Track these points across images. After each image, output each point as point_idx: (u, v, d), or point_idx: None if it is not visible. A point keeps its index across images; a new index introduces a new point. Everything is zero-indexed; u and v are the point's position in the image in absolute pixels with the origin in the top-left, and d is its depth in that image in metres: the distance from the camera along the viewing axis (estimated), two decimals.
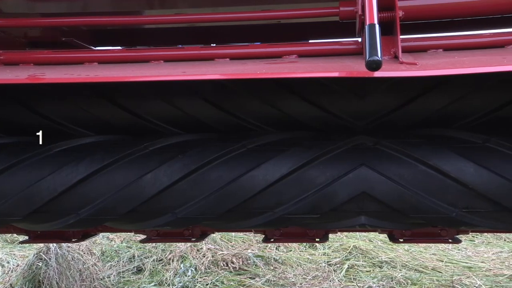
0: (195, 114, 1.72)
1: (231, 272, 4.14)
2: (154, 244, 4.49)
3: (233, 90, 1.67)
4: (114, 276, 4.16)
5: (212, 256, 4.31)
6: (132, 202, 1.73)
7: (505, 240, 4.71)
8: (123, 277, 4.17)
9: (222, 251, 4.40)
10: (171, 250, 4.43)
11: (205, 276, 4.06)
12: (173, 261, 4.28)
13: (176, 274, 4.12)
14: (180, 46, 2.57)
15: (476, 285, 3.56)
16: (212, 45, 2.62)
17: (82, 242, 4.02)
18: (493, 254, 4.39)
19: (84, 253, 4.25)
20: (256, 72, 1.41)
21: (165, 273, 4.12)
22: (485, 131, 1.64)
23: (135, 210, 1.74)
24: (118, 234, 4.80)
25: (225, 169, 1.72)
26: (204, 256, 4.29)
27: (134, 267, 4.33)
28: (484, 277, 3.79)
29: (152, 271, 4.23)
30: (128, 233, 4.36)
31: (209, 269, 4.17)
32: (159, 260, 4.37)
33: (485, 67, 1.37)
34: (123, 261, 4.39)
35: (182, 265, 4.23)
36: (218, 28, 2.47)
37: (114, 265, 4.34)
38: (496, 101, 1.60)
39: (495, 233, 4.42)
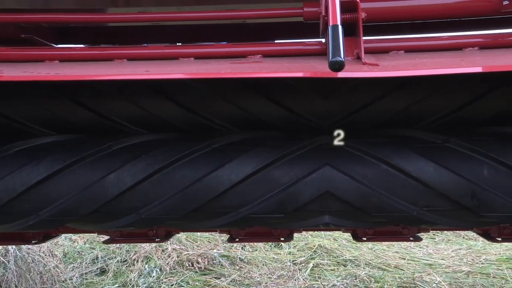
0: (159, 113, 1.70)
1: (196, 272, 4.13)
2: (118, 244, 4.44)
3: (198, 90, 1.66)
4: (76, 278, 4.09)
5: (177, 257, 4.28)
6: (95, 203, 1.70)
7: (463, 237, 4.83)
8: (86, 279, 4.11)
9: (187, 251, 4.38)
10: (135, 251, 4.38)
11: (170, 276, 4.03)
12: (137, 262, 4.24)
13: (140, 275, 4.08)
14: (145, 45, 2.54)
15: (436, 282, 3.65)
16: (177, 44, 2.60)
17: (43, 244, 3.94)
18: (453, 251, 4.51)
19: (45, 255, 4.16)
20: (220, 71, 1.41)
21: (130, 274, 4.08)
22: (445, 132, 1.68)
23: (98, 211, 1.72)
24: (81, 235, 4.72)
25: (190, 169, 1.71)
26: (169, 257, 4.26)
27: (97, 268, 4.26)
28: (443, 273, 3.89)
29: (116, 272, 4.17)
30: (91, 234, 4.29)
31: (174, 269, 4.14)
32: (123, 261, 4.32)
33: (444, 69, 1.40)
34: (86, 263, 4.32)
35: (147, 266, 4.19)
36: (184, 27, 2.45)
37: (76, 267, 4.27)
38: (455, 102, 1.64)
39: (455, 231, 4.53)
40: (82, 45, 2.53)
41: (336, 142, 1.66)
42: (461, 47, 1.65)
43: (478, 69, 1.42)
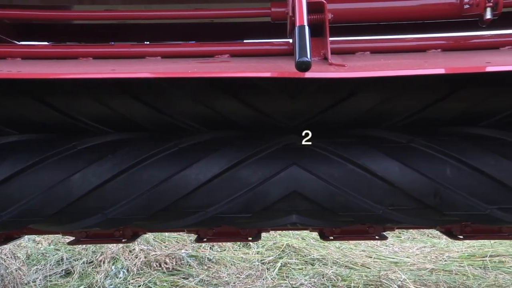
0: (125, 112, 1.68)
1: (164, 272, 4.09)
2: (84, 246, 4.37)
3: (165, 89, 1.65)
4: (40, 280, 4.00)
5: (145, 257, 4.24)
6: (59, 203, 1.67)
7: (428, 235, 4.92)
8: (50, 281, 4.02)
9: (155, 251, 4.34)
10: (102, 252, 4.32)
11: (138, 277, 3.99)
12: (104, 263, 4.18)
13: (107, 276, 4.02)
14: (112, 43, 2.51)
15: (401, 279, 3.71)
16: (145, 43, 2.58)
17: (5, 246, 3.84)
18: (417, 249, 4.59)
19: (7, 257, 4.06)
20: (187, 71, 1.40)
21: (96, 276, 4.01)
22: (410, 132, 1.71)
23: (62, 211, 1.69)
24: (45, 236, 4.62)
25: (157, 169, 1.70)
26: (136, 257, 4.22)
27: (62, 270, 4.18)
28: (408, 271, 3.96)
29: (82, 274, 4.10)
30: (56, 235, 4.21)
31: (141, 270, 4.10)
32: (89, 262, 4.25)
33: (409, 70, 1.42)
34: (50, 264, 4.23)
35: (113, 267, 4.14)
36: (151, 26, 2.43)
37: (40, 269, 4.18)
38: (419, 103, 1.67)
39: (419, 229, 4.62)
40: (46, 43, 2.48)
41: (304, 142, 1.67)
42: (424, 49, 1.69)
43: (441, 71, 1.45)
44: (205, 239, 2.39)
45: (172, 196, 1.69)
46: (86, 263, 4.24)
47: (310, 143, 1.66)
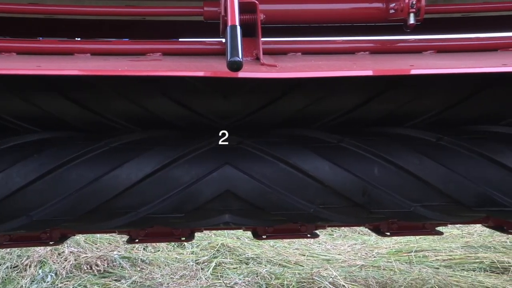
0: (52, 110, 1.63)
1: (95, 275, 3.99)
2: (8, 249, 4.17)
3: (95, 87, 1.61)
4: None
5: (75, 260, 4.11)
6: None
7: (359, 233, 5.07)
8: None
9: (86, 253, 4.22)
10: (28, 256, 4.14)
11: (67, 281, 3.86)
12: (30, 267, 4.01)
13: (33, 281, 3.86)
14: (40, 38, 2.42)
15: (332, 276, 3.80)
16: (75, 39, 2.50)
17: None
18: (349, 246, 4.72)
19: None
20: (118, 69, 1.38)
21: (21, 280, 3.85)
22: (340, 132, 1.75)
23: None
24: None
25: (86, 169, 1.66)
26: (66, 260, 4.08)
27: None
28: (339, 268, 4.06)
29: (5, 279, 3.92)
30: None
31: (71, 273, 3.97)
32: (13, 267, 4.07)
33: (338, 71, 1.46)
34: None
35: (40, 271, 3.98)
36: (82, 21, 2.36)
37: None
38: (349, 103, 1.71)
39: (351, 227, 4.75)
40: None
41: (221, 142, 1.68)
42: (353, 51, 1.74)
43: (369, 73, 1.51)
44: (137, 240, 2.34)
45: (102, 196, 1.66)
46: (10, 267, 4.05)
47: (227, 143, 1.67)
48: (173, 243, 4.64)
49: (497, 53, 1.74)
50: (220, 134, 1.67)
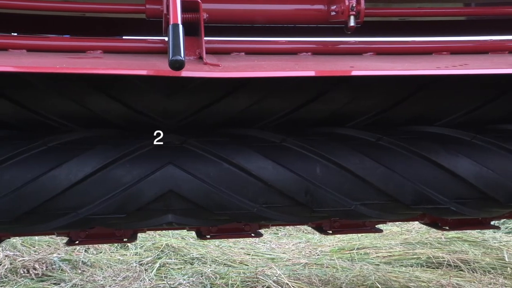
0: None
1: (32, 279, 3.85)
2: None
3: (31, 84, 1.56)
4: None
5: (11, 264, 3.95)
6: None
7: (303, 231, 5.14)
8: None
9: (23, 257, 4.07)
10: None
11: (1, 286, 3.71)
12: None
13: None
14: None
15: (277, 275, 3.83)
16: (11, 34, 2.41)
17: None
18: (293, 245, 4.78)
19: None
20: (56, 66, 1.34)
21: None
22: (283, 131, 1.77)
23: None
24: None
25: (22, 169, 1.60)
26: (0, 264, 3.92)
27: None
28: (284, 266, 4.10)
29: None
30: None
31: (6, 278, 3.81)
32: None
33: (281, 71, 1.48)
34: None
35: None
36: (18, 16, 2.27)
37: None
38: (291, 104, 1.74)
39: (295, 226, 4.81)
40: None
41: (155, 142, 1.67)
42: (296, 52, 1.76)
43: (311, 73, 1.53)
44: (77, 242, 2.29)
45: (39, 197, 1.61)
46: None
47: (161, 143, 1.66)
48: (116, 244, 4.55)
49: (431, 56, 1.81)
50: (155, 134, 1.65)
